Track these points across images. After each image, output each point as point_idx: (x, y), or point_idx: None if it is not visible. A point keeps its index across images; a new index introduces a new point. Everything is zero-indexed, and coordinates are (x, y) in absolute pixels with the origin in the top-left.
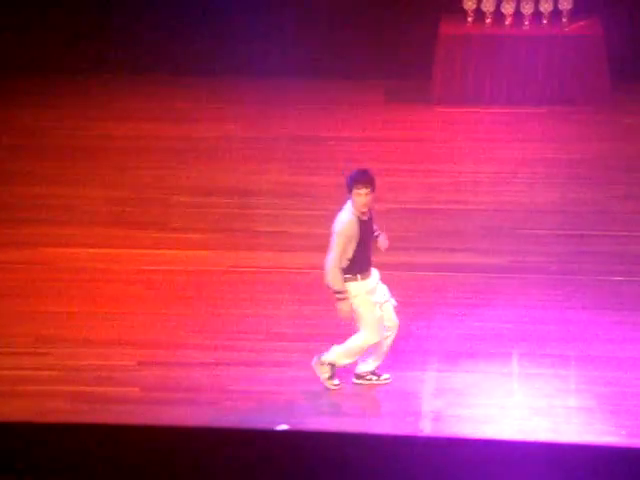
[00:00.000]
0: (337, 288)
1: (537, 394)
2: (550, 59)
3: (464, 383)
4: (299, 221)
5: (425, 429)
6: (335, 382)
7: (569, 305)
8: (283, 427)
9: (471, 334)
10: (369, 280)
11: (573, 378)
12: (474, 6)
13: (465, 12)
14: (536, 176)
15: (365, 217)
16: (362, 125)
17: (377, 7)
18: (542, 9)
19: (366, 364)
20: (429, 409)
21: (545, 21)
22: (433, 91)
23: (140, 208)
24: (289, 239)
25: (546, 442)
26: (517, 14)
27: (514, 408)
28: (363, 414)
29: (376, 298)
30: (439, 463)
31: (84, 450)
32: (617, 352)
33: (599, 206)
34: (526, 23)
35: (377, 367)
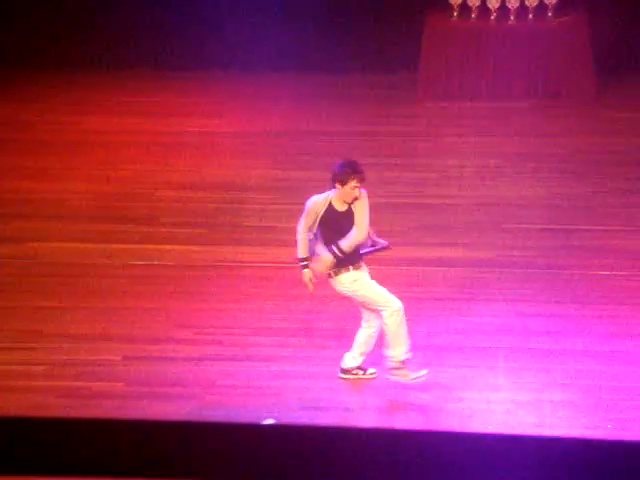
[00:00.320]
0: (298, 255)
1: (523, 388)
2: (535, 53)
3: (450, 377)
4: (286, 216)
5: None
6: (420, 372)
7: (555, 299)
8: (269, 421)
9: (457, 328)
10: (359, 270)
11: (559, 372)
12: (460, 1)
13: (451, 7)
14: (522, 170)
15: (343, 208)
16: (348, 119)
17: (363, 2)
18: (527, 3)
19: (353, 359)
20: (416, 403)
21: (530, 15)
22: (419, 85)
23: (126, 203)
24: (276, 234)
25: (532, 435)
26: (502, 9)
27: (500, 402)
28: (349, 408)
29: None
30: (425, 457)
31: (70, 444)
32: (603, 346)
33: (585, 200)
34: (511, 17)
35: (363, 362)
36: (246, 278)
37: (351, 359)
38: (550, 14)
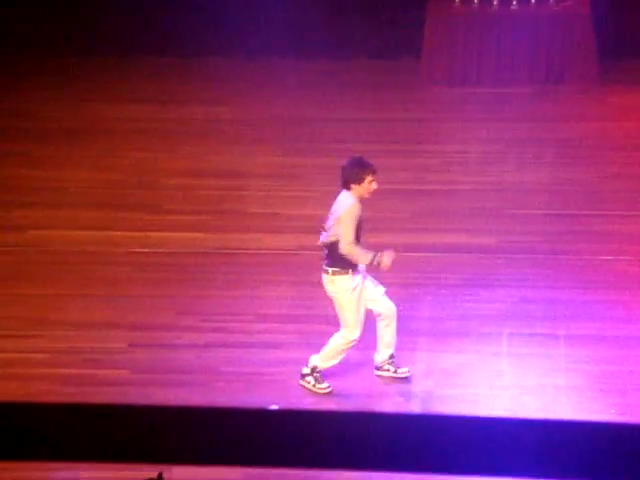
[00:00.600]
0: (368, 260)
1: (526, 373)
2: (538, 39)
3: (454, 363)
4: (290, 202)
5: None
6: (324, 386)
7: (558, 284)
8: (274, 407)
9: (461, 314)
10: (358, 276)
11: (562, 357)
12: None
13: None
14: (525, 156)
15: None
16: (352, 106)
17: None
18: None
19: (379, 354)
20: (419, 389)
21: (533, 1)
22: (422, 71)
23: (130, 190)
24: (280, 220)
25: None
26: None
27: (504, 388)
28: (352, 394)
29: (363, 294)
30: (429, 440)
31: (74, 430)
32: (606, 331)
33: (587, 186)
34: (514, 2)
35: (392, 355)
36: (251, 265)
37: (378, 355)
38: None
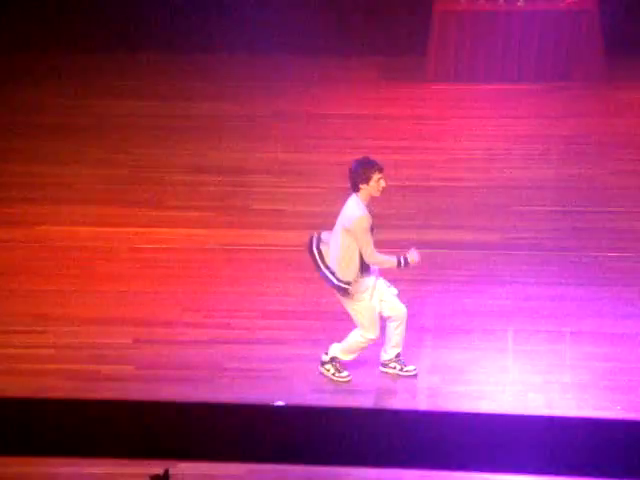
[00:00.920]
0: (395, 263)
1: (532, 370)
2: (545, 35)
3: (459, 359)
4: (294, 199)
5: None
6: (344, 374)
7: (564, 281)
8: (279, 404)
9: (466, 311)
10: (368, 279)
11: (568, 354)
12: None
13: None
14: (531, 152)
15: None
16: (357, 102)
17: None
18: None
19: (385, 353)
20: (424, 385)
21: None
22: (428, 68)
23: (135, 186)
24: (284, 217)
25: (540, 415)
26: None
27: (509, 384)
28: (358, 391)
29: (376, 295)
30: (434, 437)
31: (79, 425)
32: (611, 328)
33: (594, 182)
34: None
35: (398, 355)
36: (255, 261)
37: (384, 353)
38: None
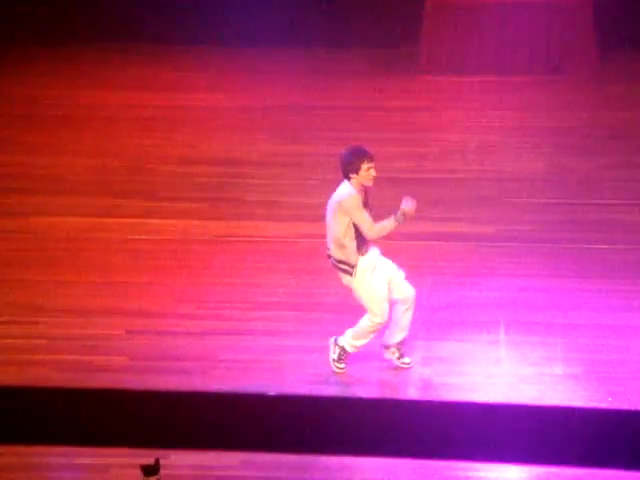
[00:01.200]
0: (395, 224)
1: (524, 362)
2: (537, 28)
3: (452, 351)
4: (287, 190)
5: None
6: (340, 365)
7: (556, 273)
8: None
9: (459, 302)
10: (367, 256)
11: (560, 346)
12: None
13: None
14: (523, 145)
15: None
16: (350, 94)
17: None
18: None
19: (392, 336)
20: (417, 377)
21: None
22: (420, 60)
23: (127, 177)
24: (277, 208)
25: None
26: None
27: (501, 376)
28: (351, 382)
29: (378, 275)
30: (427, 426)
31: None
32: (603, 320)
33: (586, 175)
34: None
35: (403, 340)
36: (248, 252)
37: (390, 335)
38: None
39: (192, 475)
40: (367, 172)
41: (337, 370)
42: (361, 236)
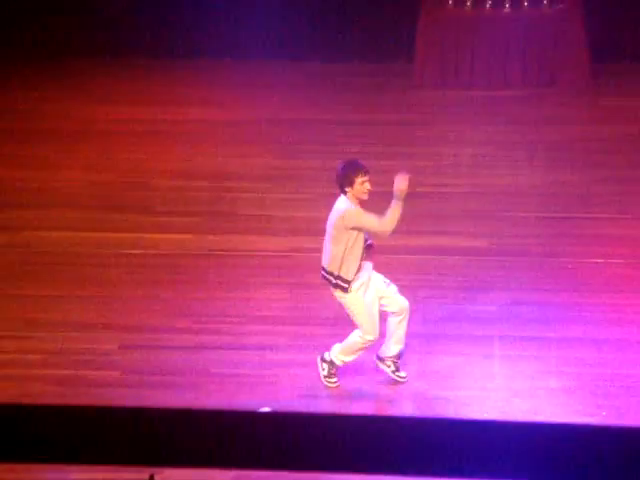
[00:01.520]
0: (399, 206)
1: (518, 376)
2: (530, 42)
3: (446, 365)
4: (282, 204)
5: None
6: (332, 380)
7: (550, 287)
8: (265, 409)
9: (453, 316)
10: (361, 274)
11: (554, 360)
12: None
13: None
14: (517, 158)
15: None
16: (344, 108)
17: None
18: None
19: (387, 349)
20: (411, 391)
21: (526, 3)
22: (415, 74)
23: (122, 191)
24: (271, 222)
25: (526, 421)
26: None
27: (495, 390)
28: (345, 396)
29: (370, 291)
30: (421, 443)
31: (66, 432)
32: (597, 334)
33: (579, 188)
34: (506, 5)
35: (399, 352)
36: (242, 267)
37: (386, 348)
38: (545, 2)
39: None
40: (362, 186)
41: (330, 385)
42: (360, 253)
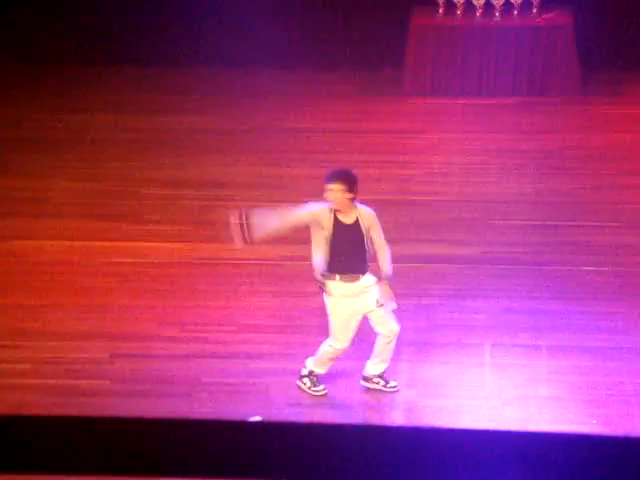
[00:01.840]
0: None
1: (509, 384)
2: (521, 50)
3: (436, 374)
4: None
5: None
6: (318, 389)
7: (539, 295)
8: (256, 418)
9: (443, 325)
10: (351, 285)
11: (544, 368)
12: None
13: (436, 3)
14: (507, 167)
15: (347, 219)
16: (334, 116)
17: None
18: (512, 0)
19: (374, 366)
20: (401, 400)
21: (516, 12)
22: (405, 82)
23: (112, 200)
24: None
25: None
26: (488, 5)
27: (486, 398)
28: (335, 405)
29: (357, 305)
30: (412, 453)
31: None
32: (587, 342)
33: (569, 197)
34: (497, 14)
35: (385, 370)
36: (232, 275)
37: (372, 366)
38: (535, 11)
39: None
40: (325, 192)
41: (318, 394)
42: (343, 261)
